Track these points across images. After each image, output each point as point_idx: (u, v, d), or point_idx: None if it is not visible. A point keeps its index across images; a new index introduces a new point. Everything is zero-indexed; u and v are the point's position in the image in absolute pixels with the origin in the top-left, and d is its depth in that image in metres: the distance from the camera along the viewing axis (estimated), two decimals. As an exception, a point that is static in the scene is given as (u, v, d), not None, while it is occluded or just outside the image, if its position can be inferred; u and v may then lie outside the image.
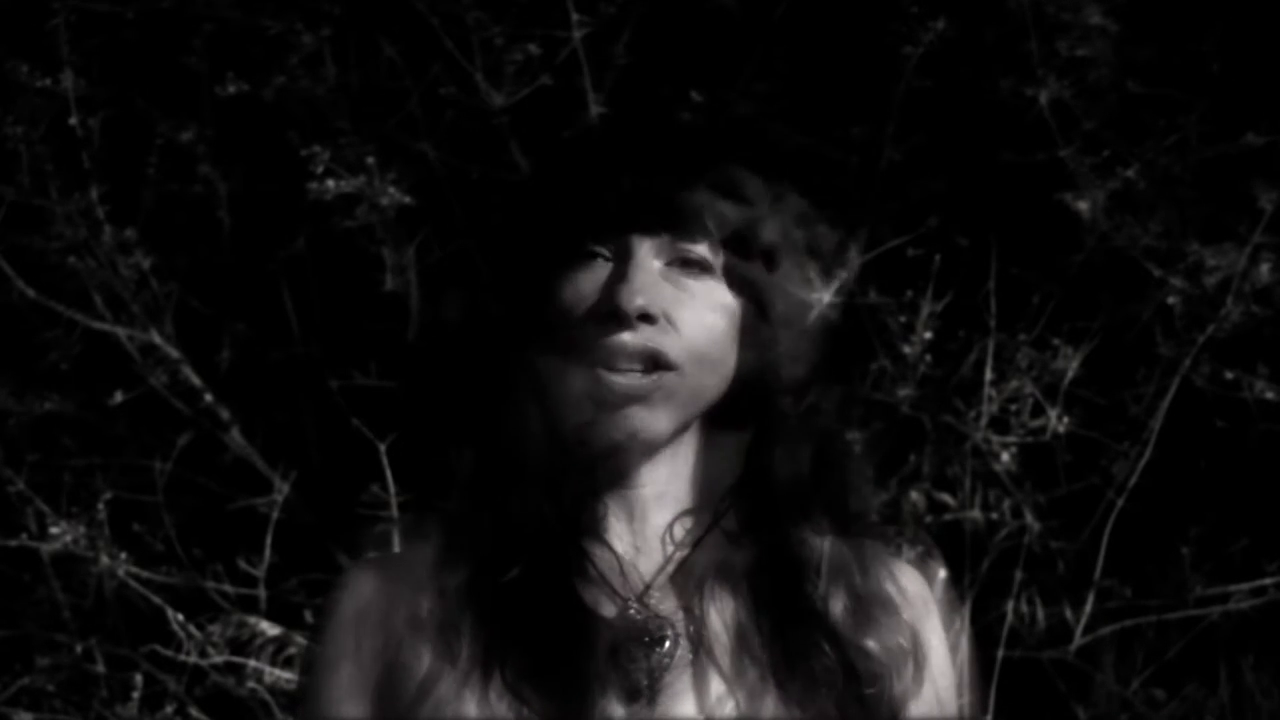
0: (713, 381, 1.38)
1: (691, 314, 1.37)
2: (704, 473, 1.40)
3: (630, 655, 1.32)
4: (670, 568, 1.37)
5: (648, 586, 1.36)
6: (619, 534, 1.38)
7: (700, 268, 1.38)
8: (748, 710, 1.31)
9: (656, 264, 1.37)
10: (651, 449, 1.37)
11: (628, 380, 1.34)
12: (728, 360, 1.39)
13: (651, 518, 1.39)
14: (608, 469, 1.37)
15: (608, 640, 1.32)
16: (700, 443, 1.40)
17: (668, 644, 1.33)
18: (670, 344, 1.35)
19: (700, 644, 1.33)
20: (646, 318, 1.35)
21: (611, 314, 1.34)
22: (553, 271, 1.38)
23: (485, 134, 3.36)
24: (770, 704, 1.31)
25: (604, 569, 1.36)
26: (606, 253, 1.38)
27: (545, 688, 1.28)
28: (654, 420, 1.35)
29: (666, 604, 1.35)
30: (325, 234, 3.36)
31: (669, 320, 1.36)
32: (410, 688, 1.32)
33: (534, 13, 3.31)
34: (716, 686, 1.32)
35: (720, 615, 1.35)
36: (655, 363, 1.34)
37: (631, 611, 1.34)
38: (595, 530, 1.37)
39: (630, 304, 1.34)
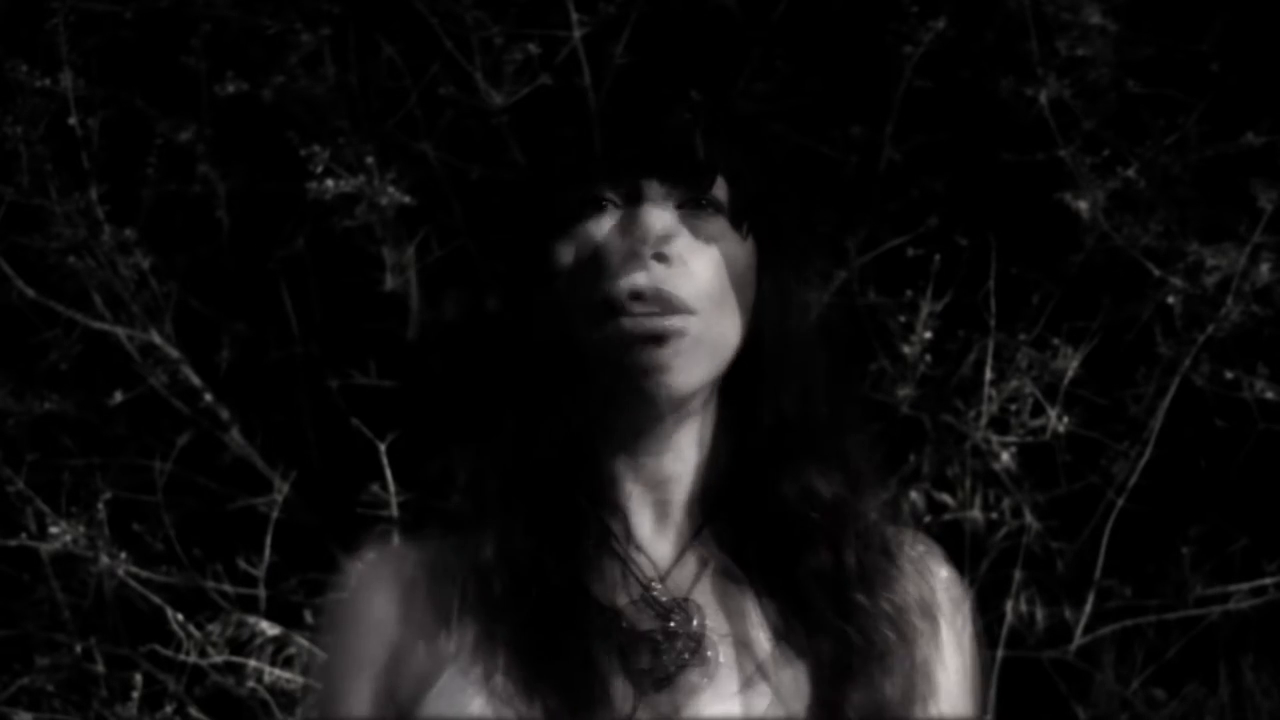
0: (729, 327, 1.35)
1: (705, 255, 1.35)
2: (721, 445, 1.38)
3: (643, 650, 1.30)
4: (689, 555, 1.35)
5: (669, 573, 1.35)
6: (642, 513, 1.36)
7: (713, 208, 1.37)
8: (764, 706, 1.29)
9: (667, 205, 1.36)
10: (675, 404, 1.34)
11: (648, 322, 1.31)
12: (743, 304, 1.37)
13: (677, 491, 1.37)
14: (633, 430, 1.36)
15: (620, 634, 1.31)
16: (718, 411, 1.38)
17: (692, 634, 1.31)
18: (685, 286, 1.32)
19: (727, 634, 1.32)
20: (661, 257, 1.33)
21: (625, 256, 1.33)
22: (561, 225, 1.36)
23: (485, 134, 3.36)
24: (799, 696, 1.30)
25: (627, 553, 1.34)
26: (617, 199, 1.36)
27: (554, 685, 1.27)
28: (676, 366, 1.32)
29: (691, 590, 1.34)
30: (325, 234, 3.35)
31: (683, 262, 1.34)
32: (416, 685, 1.30)
33: (534, 12, 3.31)
34: (744, 678, 1.30)
35: (745, 602, 1.34)
36: (672, 305, 1.32)
37: (657, 602, 1.33)
38: (617, 510, 1.36)
39: (644, 244, 1.33)
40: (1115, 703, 3.34)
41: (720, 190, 1.37)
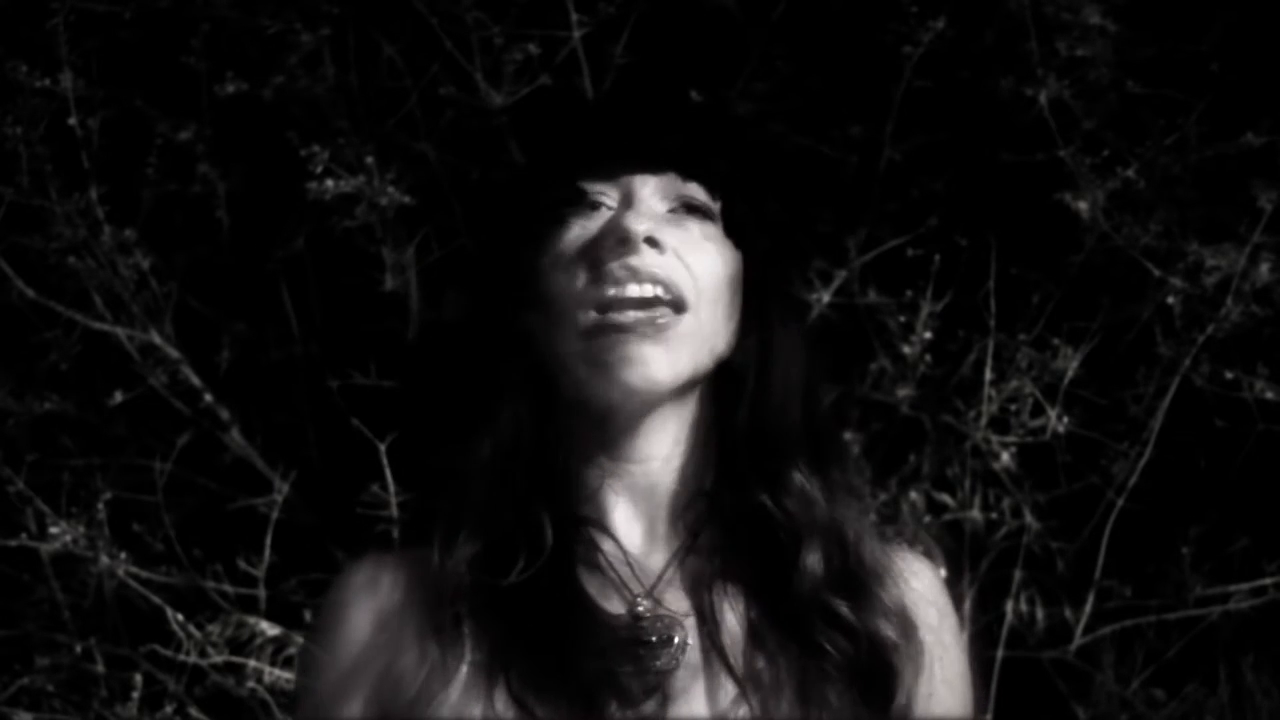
0: (722, 328, 1.36)
1: (700, 254, 1.36)
2: (707, 449, 1.38)
3: (638, 657, 1.30)
4: (679, 560, 1.36)
5: (656, 583, 1.35)
6: (628, 521, 1.36)
7: (703, 213, 1.38)
8: (760, 712, 1.29)
9: (661, 207, 1.36)
10: (657, 397, 1.34)
11: (639, 313, 1.32)
12: (732, 308, 1.37)
13: (661, 498, 1.37)
14: (616, 432, 1.35)
15: (615, 641, 1.31)
16: (703, 418, 1.38)
17: (677, 643, 1.31)
18: (682, 277, 1.33)
19: (711, 642, 1.32)
20: (653, 242, 1.33)
21: (618, 240, 1.33)
22: (555, 223, 1.37)
23: (485, 134, 3.36)
24: (784, 705, 1.30)
25: (613, 562, 1.34)
26: (610, 200, 1.36)
27: (551, 691, 1.27)
28: (665, 361, 1.32)
29: (676, 599, 1.34)
30: (325, 234, 3.35)
31: (678, 257, 1.34)
32: (411, 690, 1.30)
33: (534, 13, 3.31)
34: (728, 687, 1.30)
35: (731, 611, 1.34)
36: (668, 291, 1.32)
37: (640, 610, 1.33)
38: (603, 519, 1.36)
39: (636, 226, 1.33)
40: (1115, 703, 3.34)
41: (709, 195, 1.38)
